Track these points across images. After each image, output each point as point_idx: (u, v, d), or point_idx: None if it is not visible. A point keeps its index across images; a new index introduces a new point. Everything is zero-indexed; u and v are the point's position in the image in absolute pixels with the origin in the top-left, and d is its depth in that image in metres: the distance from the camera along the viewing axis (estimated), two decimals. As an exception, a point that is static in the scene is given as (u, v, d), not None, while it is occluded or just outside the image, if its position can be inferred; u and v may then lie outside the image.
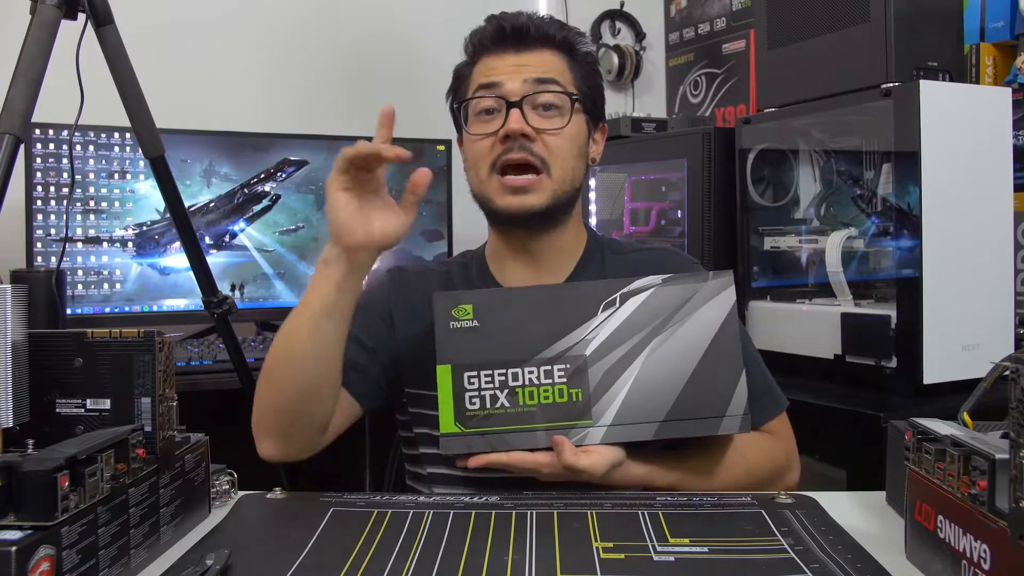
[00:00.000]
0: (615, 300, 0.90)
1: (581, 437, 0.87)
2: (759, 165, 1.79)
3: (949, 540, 0.66)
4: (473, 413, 0.87)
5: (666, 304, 0.90)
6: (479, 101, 1.05)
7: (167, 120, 1.53)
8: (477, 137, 1.04)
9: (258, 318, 2.07)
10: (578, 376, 0.88)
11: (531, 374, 0.88)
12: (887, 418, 1.20)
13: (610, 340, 0.89)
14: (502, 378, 0.88)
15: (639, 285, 0.90)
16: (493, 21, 1.06)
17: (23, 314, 0.71)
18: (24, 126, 1.15)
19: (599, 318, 0.89)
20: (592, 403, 0.88)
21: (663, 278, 0.91)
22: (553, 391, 0.88)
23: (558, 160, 1.03)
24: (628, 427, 0.88)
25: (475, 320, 0.89)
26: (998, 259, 1.48)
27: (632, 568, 0.70)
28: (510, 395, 0.87)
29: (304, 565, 0.71)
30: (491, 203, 1.04)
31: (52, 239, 1.81)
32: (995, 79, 1.81)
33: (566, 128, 1.03)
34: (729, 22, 2.54)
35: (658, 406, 0.88)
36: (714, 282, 0.91)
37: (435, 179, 2.15)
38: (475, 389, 0.88)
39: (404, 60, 2.37)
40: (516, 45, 1.05)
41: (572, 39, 1.07)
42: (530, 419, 0.87)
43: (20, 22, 1.22)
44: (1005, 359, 0.62)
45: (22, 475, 0.60)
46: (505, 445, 0.87)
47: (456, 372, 0.88)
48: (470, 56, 1.09)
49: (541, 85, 1.03)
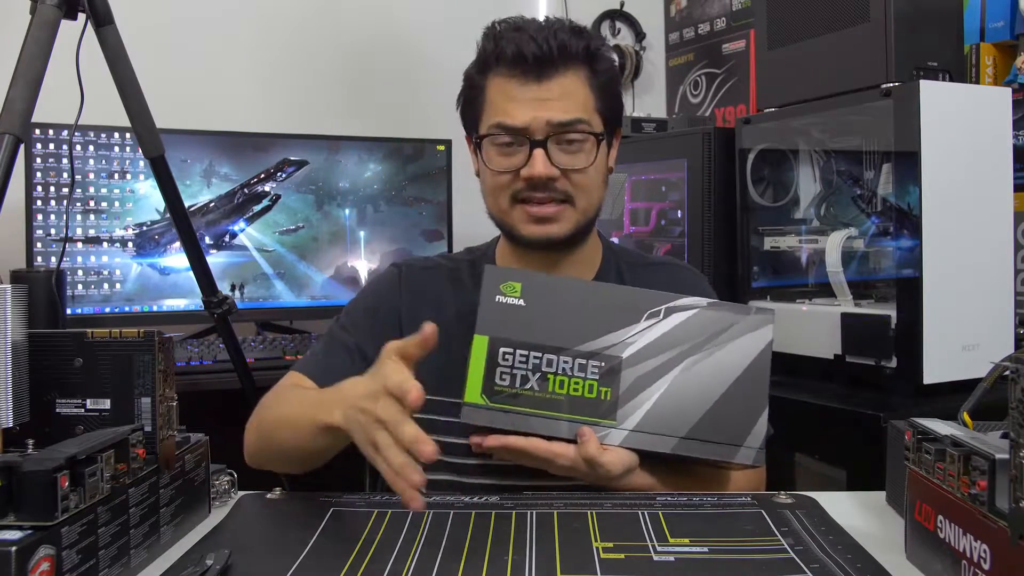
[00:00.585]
0: (660, 312, 0.91)
1: (603, 436, 0.88)
2: (759, 165, 1.79)
3: (949, 540, 0.66)
4: (501, 389, 0.88)
5: (708, 326, 0.91)
6: (499, 137, 1.00)
7: (167, 120, 1.54)
8: (496, 172, 1.01)
9: (258, 318, 2.07)
10: (611, 376, 0.89)
11: (566, 364, 0.89)
12: (887, 418, 1.19)
13: (648, 348, 0.90)
14: (536, 361, 0.89)
15: (686, 303, 0.92)
16: (513, 43, 0.98)
17: (23, 314, 0.71)
18: (24, 126, 1.15)
19: (641, 325, 0.91)
20: (620, 405, 0.89)
21: (709, 302, 0.93)
22: (584, 385, 0.89)
23: (583, 193, 1.01)
24: (649, 436, 0.89)
25: (522, 299, 0.90)
26: (998, 259, 1.48)
27: (632, 568, 0.70)
28: (541, 379, 0.89)
29: (304, 565, 0.71)
30: (514, 231, 1.03)
31: (52, 239, 1.81)
32: (995, 79, 1.81)
33: (592, 165, 1.01)
34: (729, 22, 2.54)
35: (681, 422, 0.89)
36: (756, 317, 0.93)
37: (435, 179, 2.16)
38: (508, 366, 0.88)
39: (404, 60, 2.37)
40: (538, 74, 0.98)
41: (594, 48, 1.02)
42: (556, 407, 0.88)
43: (20, 22, 1.22)
44: (1005, 359, 0.62)
45: (22, 475, 0.60)
46: (526, 427, 0.88)
47: (492, 345, 0.89)
48: (482, 64, 1.03)
49: (566, 127, 0.98)
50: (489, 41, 1.02)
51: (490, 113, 1.01)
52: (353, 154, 2.11)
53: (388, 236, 2.14)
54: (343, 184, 2.10)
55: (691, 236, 1.88)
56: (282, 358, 1.81)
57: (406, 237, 2.16)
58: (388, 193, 2.13)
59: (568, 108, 0.99)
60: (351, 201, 2.11)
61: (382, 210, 2.13)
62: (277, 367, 1.79)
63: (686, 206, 1.89)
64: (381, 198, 2.13)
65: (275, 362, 1.80)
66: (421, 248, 2.16)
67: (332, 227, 2.10)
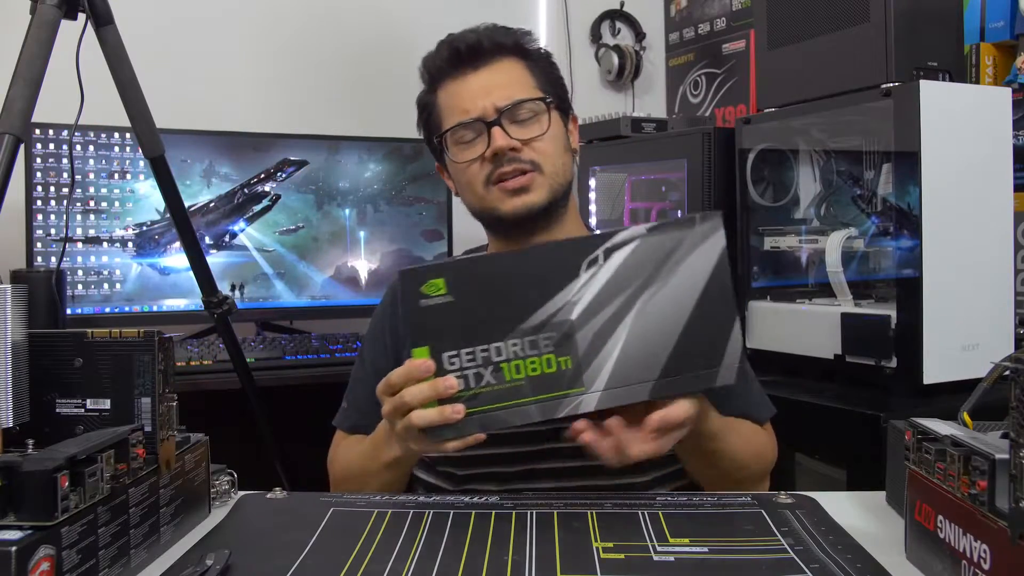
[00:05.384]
0: (598, 257, 0.82)
1: (575, 405, 0.82)
2: (759, 165, 1.79)
3: (949, 540, 0.66)
4: (458, 395, 0.81)
5: (653, 255, 0.83)
6: (458, 133, 1.07)
7: (167, 120, 1.54)
8: (465, 164, 1.07)
9: (258, 318, 2.07)
10: (565, 343, 0.82)
11: (515, 347, 0.81)
12: (887, 418, 1.20)
13: (596, 301, 0.82)
14: (485, 354, 0.82)
15: (622, 238, 0.83)
16: (445, 47, 1.09)
17: (23, 314, 0.71)
18: (24, 126, 1.15)
19: (582, 278, 0.82)
20: (583, 369, 0.82)
21: (648, 227, 0.83)
22: (540, 362, 0.82)
23: (548, 159, 1.06)
24: (623, 389, 0.82)
25: (449, 295, 0.81)
26: (998, 259, 1.48)
27: (632, 568, 0.70)
28: (495, 371, 0.82)
29: (304, 565, 0.71)
30: (495, 211, 1.07)
31: (52, 239, 1.81)
32: (995, 79, 1.81)
33: (547, 132, 1.06)
34: (729, 22, 2.54)
35: (652, 364, 0.82)
36: (702, 226, 0.83)
37: (435, 179, 2.16)
38: (456, 369, 0.82)
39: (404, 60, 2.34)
40: (474, 63, 1.07)
41: (522, 41, 1.10)
42: (519, 394, 0.82)
43: (20, 22, 1.22)
44: (1005, 359, 0.62)
45: (22, 475, 0.60)
46: (498, 424, 0.82)
47: (435, 354, 0.82)
48: (429, 84, 1.12)
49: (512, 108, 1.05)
50: (426, 61, 1.12)
51: (445, 120, 1.09)
52: (353, 154, 2.11)
53: (388, 236, 2.14)
54: (343, 184, 2.10)
55: (691, 236, 1.87)
56: (282, 358, 1.82)
57: (406, 237, 2.16)
58: (388, 193, 2.13)
59: (510, 91, 1.05)
60: (351, 201, 2.11)
61: (382, 210, 2.13)
62: (277, 367, 1.79)
63: (686, 206, 1.89)
64: (381, 198, 2.13)
65: (275, 362, 1.80)
66: (421, 248, 2.17)
67: (332, 227, 2.10)
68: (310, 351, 1.85)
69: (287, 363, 1.81)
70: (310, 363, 1.83)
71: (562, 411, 0.82)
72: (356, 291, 2.12)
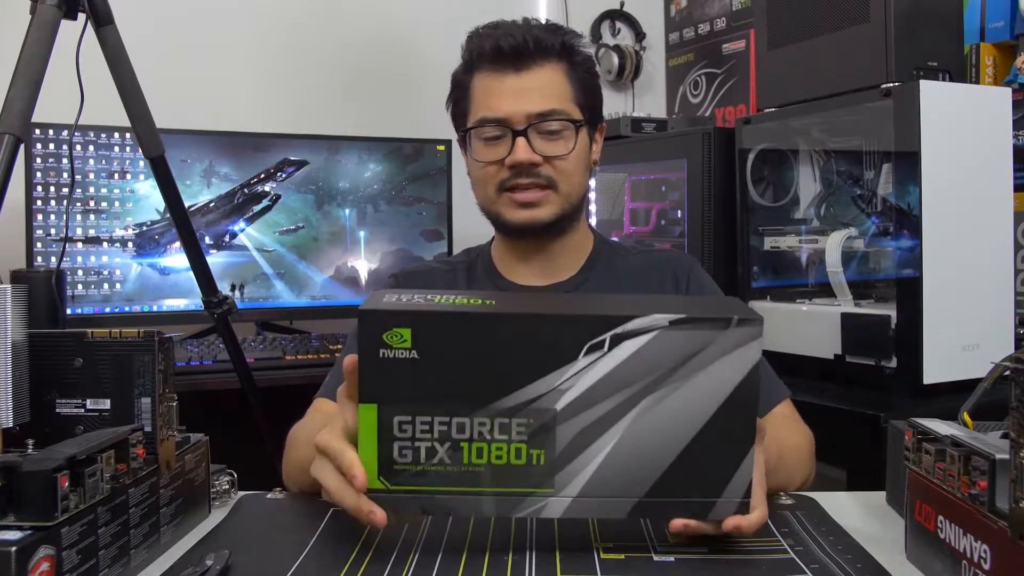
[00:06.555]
0: (603, 342, 0.69)
1: (539, 508, 0.71)
2: (759, 165, 1.79)
3: (949, 540, 0.66)
4: (403, 467, 0.70)
5: (670, 353, 0.70)
6: (483, 130, 1.06)
7: (167, 120, 1.54)
8: (483, 164, 1.06)
9: (258, 318, 2.07)
10: (542, 435, 0.70)
11: (483, 427, 0.70)
12: (887, 418, 1.19)
13: (590, 394, 0.70)
14: (443, 428, 0.70)
15: (637, 325, 0.69)
16: (491, 39, 1.06)
17: (23, 314, 0.71)
18: (24, 126, 1.15)
19: (580, 363, 0.69)
20: (557, 469, 0.70)
21: (671, 318, 0.69)
22: (508, 450, 0.70)
23: (566, 179, 1.06)
24: (598, 501, 0.71)
25: (414, 350, 0.69)
26: (998, 259, 1.48)
27: (632, 568, 0.70)
28: (452, 450, 0.70)
29: (304, 565, 0.71)
30: (501, 218, 1.07)
31: (52, 239, 1.81)
32: (995, 79, 1.81)
33: (572, 152, 1.05)
34: (729, 22, 2.54)
35: (639, 480, 0.71)
36: (737, 331, 0.69)
37: (435, 179, 2.16)
38: (407, 438, 0.70)
39: (404, 60, 2.37)
40: (515, 64, 1.05)
41: (570, 43, 1.08)
42: (475, 481, 0.70)
43: (20, 22, 1.22)
44: (1005, 359, 0.62)
45: (22, 475, 0.60)
46: (441, 510, 0.72)
47: (384, 414, 0.70)
48: (466, 65, 1.09)
49: (544, 116, 1.03)
50: (471, 41, 1.08)
51: (475, 109, 1.07)
52: (353, 154, 2.11)
53: (388, 236, 2.14)
54: (343, 184, 2.10)
55: (691, 236, 1.88)
56: (282, 358, 1.82)
57: (406, 237, 2.16)
58: (388, 193, 2.13)
59: (546, 99, 1.04)
60: (351, 201, 2.11)
61: (382, 210, 2.13)
62: (277, 367, 1.79)
63: (686, 206, 1.89)
64: (381, 198, 2.13)
65: (275, 362, 1.80)
66: (421, 248, 2.17)
67: (332, 227, 2.10)
68: (310, 351, 1.85)
69: (287, 363, 1.81)
70: (310, 363, 1.83)
71: (522, 511, 0.71)
72: (356, 291, 2.12)
